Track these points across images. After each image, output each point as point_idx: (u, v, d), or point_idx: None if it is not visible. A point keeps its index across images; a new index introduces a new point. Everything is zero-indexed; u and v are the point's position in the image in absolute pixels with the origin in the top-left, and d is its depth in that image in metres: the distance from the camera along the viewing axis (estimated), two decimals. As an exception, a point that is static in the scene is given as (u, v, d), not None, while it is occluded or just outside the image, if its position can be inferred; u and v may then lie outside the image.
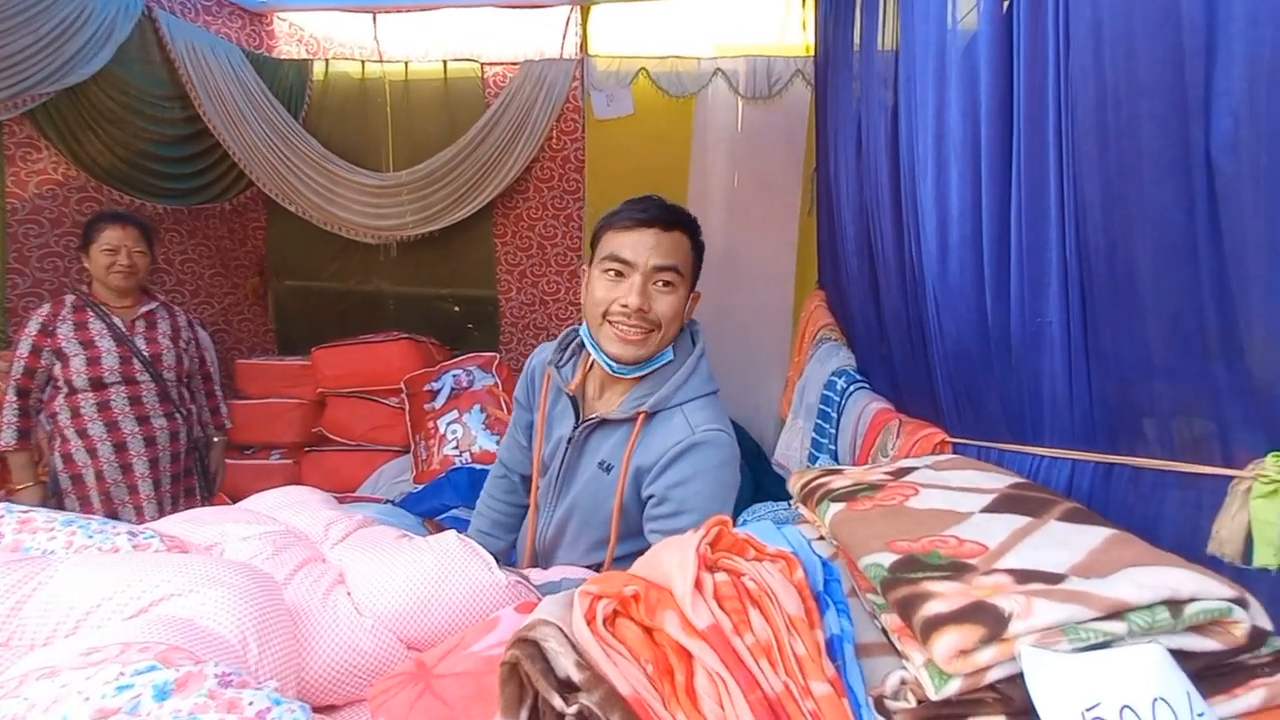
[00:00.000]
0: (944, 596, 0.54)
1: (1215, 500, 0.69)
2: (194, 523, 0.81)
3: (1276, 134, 0.57)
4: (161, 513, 2.07)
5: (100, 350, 1.99)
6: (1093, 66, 0.73)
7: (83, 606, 0.51)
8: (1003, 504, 0.71)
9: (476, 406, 2.78)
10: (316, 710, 0.64)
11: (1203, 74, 0.64)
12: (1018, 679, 0.49)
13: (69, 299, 2.04)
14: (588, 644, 0.50)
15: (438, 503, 2.27)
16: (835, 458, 2.03)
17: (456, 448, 2.68)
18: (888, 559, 0.62)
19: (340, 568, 0.73)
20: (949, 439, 1.30)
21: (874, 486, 0.80)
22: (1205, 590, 0.51)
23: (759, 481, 2.53)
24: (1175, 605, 0.50)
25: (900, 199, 1.44)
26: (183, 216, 3.16)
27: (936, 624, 0.51)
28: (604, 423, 1.05)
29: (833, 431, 2.09)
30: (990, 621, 0.50)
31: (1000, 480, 0.78)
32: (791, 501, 0.93)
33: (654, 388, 1.04)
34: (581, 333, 1.08)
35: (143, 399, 2.05)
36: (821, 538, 0.81)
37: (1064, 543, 0.61)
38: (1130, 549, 0.59)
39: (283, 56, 3.36)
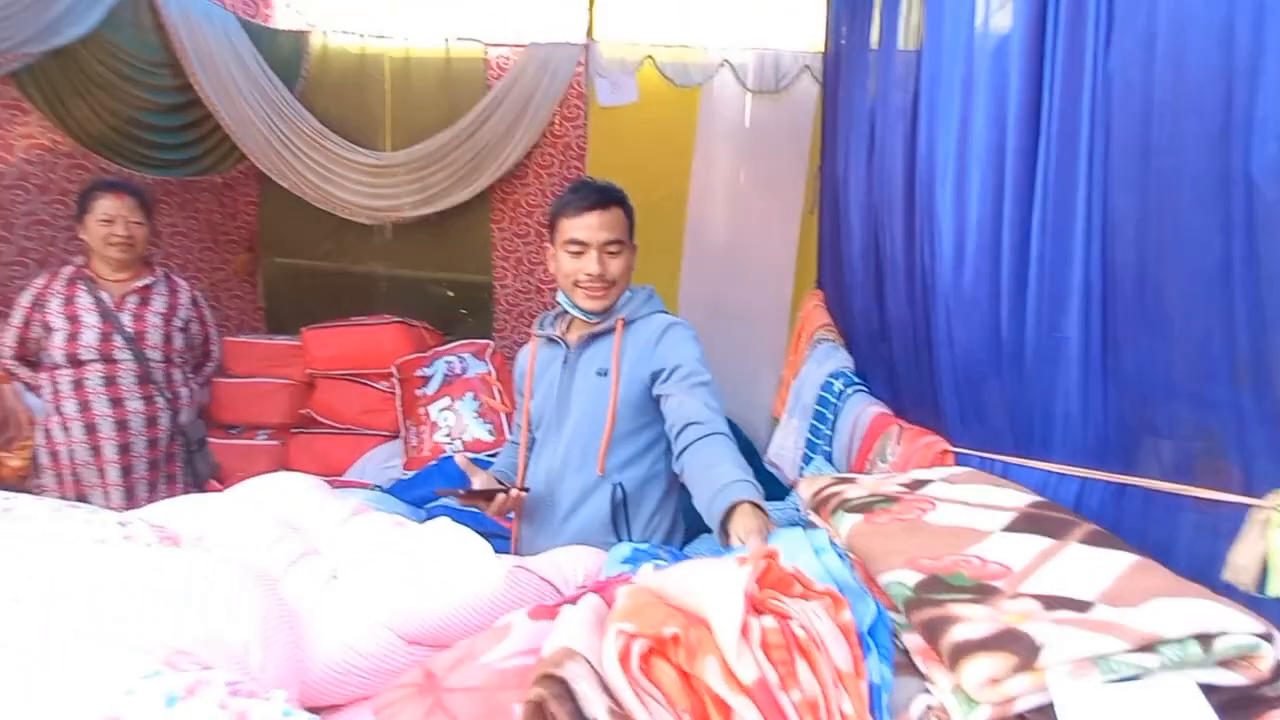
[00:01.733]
0: (972, 621, 0.53)
1: (1231, 527, 0.69)
2: (184, 511, 0.78)
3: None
4: (130, 500, 1.99)
5: (82, 325, 1.93)
6: (1140, 80, 0.71)
7: (83, 603, 0.49)
8: (1023, 523, 0.70)
9: (469, 394, 2.74)
10: (319, 710, 0.62)
11: (1247, 95, 0.63)
12: (1047, 710, 0.48)
13: (65, 271, 1.98)
14: (620, 687, 0.47)
15: (427, 490, 2.24)
16: (830, 459, 2.03)
17: (448, 435, 2.65)
18: (911, 577, 0.61)
19: (336, 560, 0.71)
20: (951, 448, 1.30)
21: (890, 499, 0.79)
22: (1234, 625, 0.51)
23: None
24: (1205, 639, 0.50)
25: (914, 203, 1.43)
26: (173, 188, 3.08)
27: (966, 650, 0.50)
28: (592, 339, 1.29)
29: (828, 433, 2.08)
30: (1022, 650, 0.49)
31: (1018, 498, 0.77)
32: (799, 505, 0.92)
33: (624, 307, 1.30)
34: (559, 298, 1.33)
35: (119, 379, 1.97)
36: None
37: (1089, 567, 0.60)
38: (1156, 577, 0.59)
39: (279, 28, 3.27)
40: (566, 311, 1.35)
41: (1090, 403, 0.90)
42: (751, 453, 2.87)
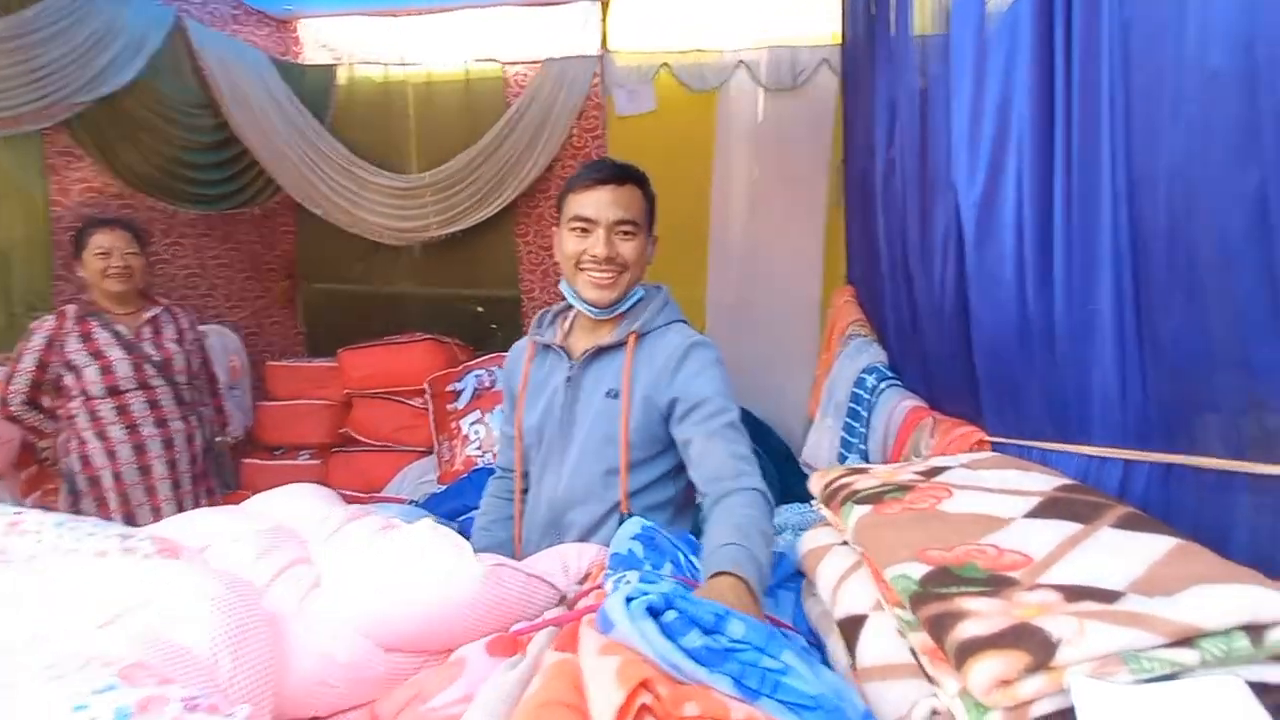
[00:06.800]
0: (982, 616, 0.48)
1: (1295, 506, 0.62)
2: (190, 524, 0.79)
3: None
4: (181, 511, 2.09)
5: (111, 359, 2.01)
6: (1160, 22, 0.65)
7: (51, 612, 0.49)
8: (1048, 508, 0.64)
9: (499, 407, 2.76)
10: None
11: (1275, 26, 0.56)
12: (1067, 714, 0.43)
13: (70, 310, 2.05)
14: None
15: (459, 503, 2.25)
16: (866, 458, 1.95)
17: (479, 448, 2.67)
18: (918, 570, 0.56)
19: (323, 567, 0.70)
20: (988, 438, 1.22)
21: (903, 488, 0.73)
22: (1292, 612, 0.44)
23: (786, 483, 2.45)
24: (1256, 631, 0.44)
25: (935, 186, 1.36)
26: (215, 222, 3.22)
27: (973, 648, 0.45)
28: (600, 353, 1.13)
29: (863, 431, 2.01)
30: (1036, 647, 0.44)
31: (1045, 481, 0.71)
32: (814, 503, 0.87)
33: (636, 315, 1.15)
34: (562, 287, 1.17)
35: (160, 403, 2.08)
36: (845, 543, 0.75)
37: (1120, 553, 0.54)
38: (1199, 562, 0.52)
39: (308, 63, 3.41)
40: (567, 310, 1.21)
41: (1129, 379, 0.82)
42: (787, 455, 2.80)
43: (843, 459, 2.13)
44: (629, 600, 0.52)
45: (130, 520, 2.04)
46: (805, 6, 2.95)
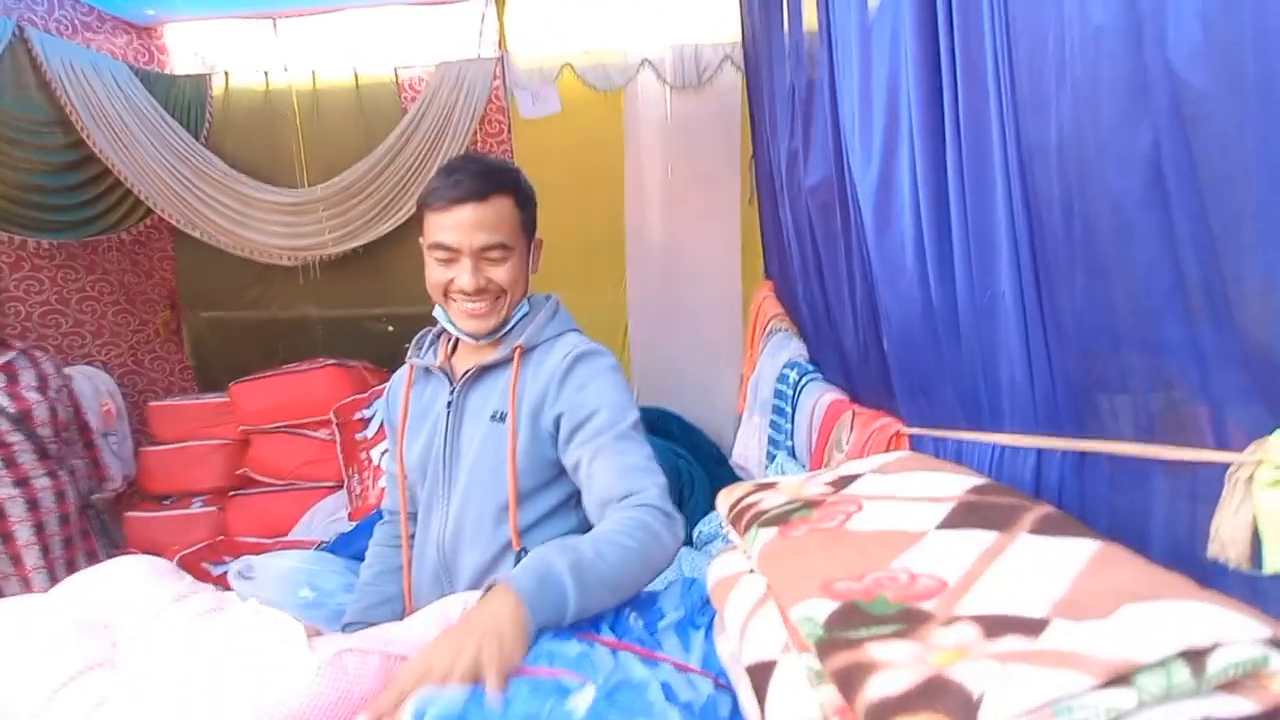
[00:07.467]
0: (893, 667, 0.40)
1: (1212, 491, 0.57)
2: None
3: (1265, 30, 0.45)
4: (54, 581, 1.85)
5: None
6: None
7: None
8: (962, 516, 0.58)
9: (413, 432, 2.58)
10: None
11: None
12: (998, 783, 0.35)
13: None
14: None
15: (368, 542, 2.07)
16: (793, 454, 1.92)
17: (393, 479, 2.48)
18: (823, 609, 0.48)
19: (126, 673, 0.56)
20: (904, 430, 1.19)
21: (810, 504, 0.66)
22: (1230, 631, 0.38)
23: (717, 486, 2.38)
24: (1195, 657, 0.37)
25: (834, 174, 1.33)
26: (76, 251, 2.89)
27: (884, 713, 0.37)
28: (483, 373, 1.02)
29: (788, 427, 1.97)
30: (955, 708, 0.36)
31: (958, 484, 0.65)
32: (722, 526, 0.79)
33: (522, 330, 1.03)
34: (436, 313, 1.05)
35: (18, 460, 1.83)
36: (754, 570, 0.67)
37: (1041, 567, 0.48)
38: (1123, 571, 0.47)
39: (177, 73, 3.11)
40: (445, 331, 1.09)
41: (1035, 362, 0.78)
42: (718, 458, 2.75)
43: (771, 456, 2.09)
44: (419, 716, 0.41)
45: None
46: (706, 4, 2.92)
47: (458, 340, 1.08)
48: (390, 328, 3.27)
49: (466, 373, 1.02)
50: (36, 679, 0.55)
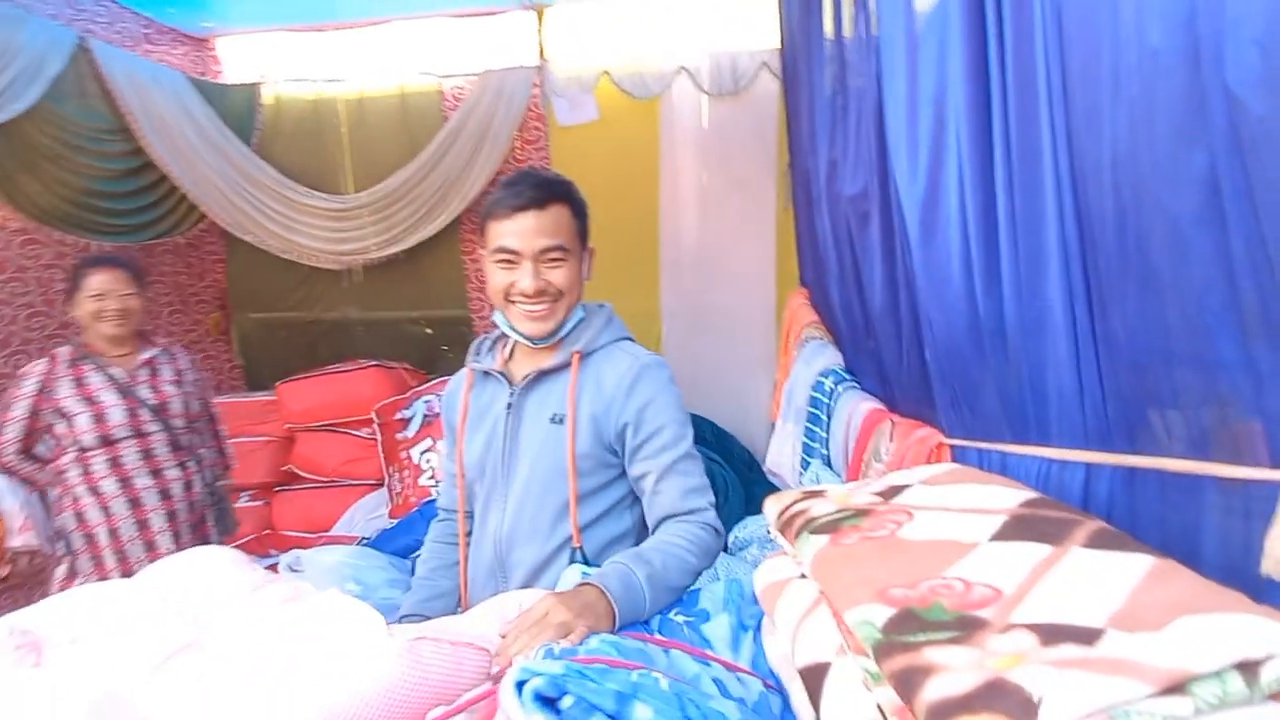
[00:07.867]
0: (952, 670, 0.42)
1: (1264, 508, 0.58)
2: (63, 610, 0.68)
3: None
4: None
5: (104, 405, 1.87)
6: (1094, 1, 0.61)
7: None
8: (1015, 528, 0.59)
9: (451, 433, 2.65)
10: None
11: (1214, -2, 0.53)
12: (1056, 784, 0.37)
13: (63, 352, 1.92)
14: None
15: (412, 539, 2.13)
16: (828, 462, 1.92)
17: (432, 478, 2.55)
18: (880, 614, 0.50)
19: (215, 654, 0.60)
20: (946, 440, 1.19)
21: (860, 513, 0.68)
22: (1287, 642, 0.39)
23: (750, 493, 2.40)
24: (1249, 668, 0.39)
25: (877, 183, 1.33)
26: (134, 254, 3.02)
27: (945, 712, 0.39)
28: (542, 376, 1.07)
29: (823, 435, 1.97)
30: (1015, 708, 0.38)
31: (1009, 497, 0.66)
32: (770, 530, 0.81)
33: (579, 336, 1.08)
34: (495, 318, 1.10)
35: (154, 451, 1.94)
36: (804, 575, 0.69)
37: (1096, 580, 0.49)
38: (1178, 585, 0.48)
39: (230, 83, 3.24)
40: (505, 336, 1.14)
41: (1084, 376, 0.79)
42: (750, 463, 2.76)
43: (805, 464, 2.09)
44: (520, 685, 0.44)
45: (130, 577, 1.91)
46: (743, 12, 2.94)
47: (514, 347, 1.14)
48: (429, 330, 3.36)
49: (527, 376, 1.07)
50: (138, 655, 0.60)
